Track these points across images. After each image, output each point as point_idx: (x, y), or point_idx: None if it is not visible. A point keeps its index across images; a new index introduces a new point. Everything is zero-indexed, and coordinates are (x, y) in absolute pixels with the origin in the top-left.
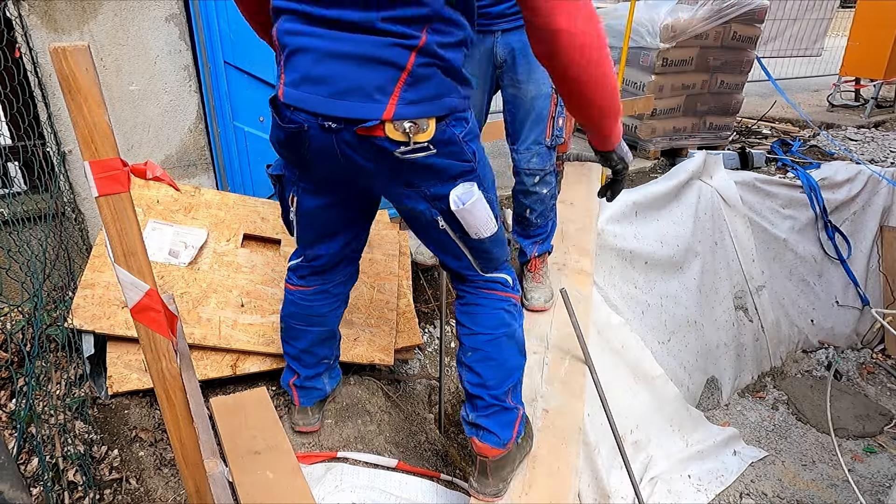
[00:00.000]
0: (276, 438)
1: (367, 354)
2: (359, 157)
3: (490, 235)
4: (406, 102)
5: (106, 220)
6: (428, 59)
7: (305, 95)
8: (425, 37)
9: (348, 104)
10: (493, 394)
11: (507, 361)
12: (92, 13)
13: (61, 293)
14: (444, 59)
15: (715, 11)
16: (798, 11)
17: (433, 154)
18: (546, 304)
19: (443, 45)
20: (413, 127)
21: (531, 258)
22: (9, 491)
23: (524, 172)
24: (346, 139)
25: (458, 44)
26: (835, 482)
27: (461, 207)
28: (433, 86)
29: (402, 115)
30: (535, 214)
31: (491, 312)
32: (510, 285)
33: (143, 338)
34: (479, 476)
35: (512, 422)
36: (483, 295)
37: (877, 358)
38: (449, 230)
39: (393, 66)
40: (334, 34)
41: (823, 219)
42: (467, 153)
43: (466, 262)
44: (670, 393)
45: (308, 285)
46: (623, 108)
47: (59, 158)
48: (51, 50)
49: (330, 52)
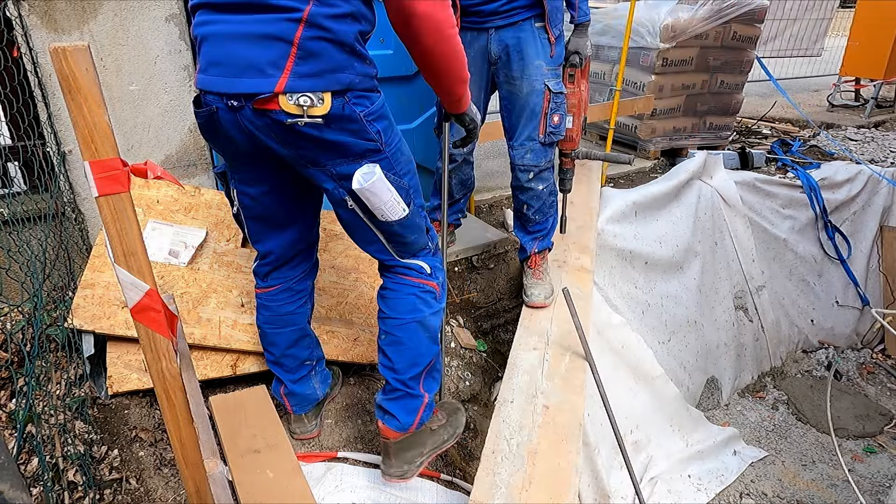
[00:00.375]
0: (276, 437)
1: (367, 354)
2: (263, 136)
3: (399, 219)
4: (298, 76)
5: (106, 220)
6: (315, 31)
7: (212, 78)
8: (310, 8)
9: (246, 81)
10: (400, 378)
11: (415, 347)
12: (92, 13)
13: (61, 293)
14: (333, 31)
15: (715, 11)
16: (798, 11)
17: (331, 130)
18: (546, 301)
19: (329, 17)
20: (307, 100)
21: (531, 254)
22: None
23: (519, 168)
24: (248, 116)
25: (347, 16)
26: (835, 482)
27: (362, 187)
28: (326, 60)
29: (293, 88)
30: (532, 210)
31: (402, 298)
32: (426, 272)
33: (143, 338)
34: (384, 457)
35: (416, 408)
36: (397, 280)
37: (877, 358)
38: (357, 210)
39: (282, 41)
40: (234, 17)
41: (823, 219)
42: (370, 132)
43: (381, 247)
44: (670, 393)
45: (271, 285)
46: (623, 108)
47: (59, 158)
48: (51, 50)
49: (230, 34)
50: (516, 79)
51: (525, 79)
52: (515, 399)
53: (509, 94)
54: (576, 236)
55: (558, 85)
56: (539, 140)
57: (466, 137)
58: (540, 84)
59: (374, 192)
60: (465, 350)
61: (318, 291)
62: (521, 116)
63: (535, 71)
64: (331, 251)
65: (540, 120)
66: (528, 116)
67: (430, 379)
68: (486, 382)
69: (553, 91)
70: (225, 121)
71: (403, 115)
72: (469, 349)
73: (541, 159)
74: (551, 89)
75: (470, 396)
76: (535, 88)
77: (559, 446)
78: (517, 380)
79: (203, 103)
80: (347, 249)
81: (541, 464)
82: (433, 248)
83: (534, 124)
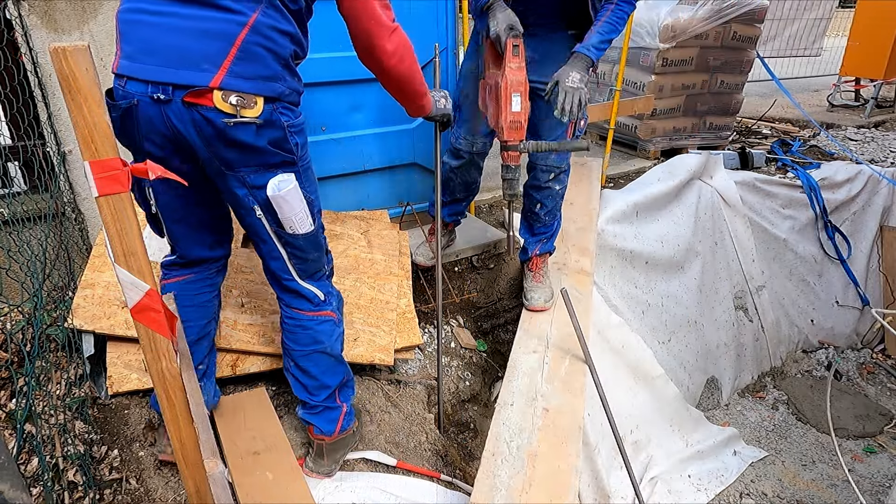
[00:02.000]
0: (276, 439)
1: (367, 354)
2: (186, 133)
3: (305, 233)
4: (234, 75)
5: (106, 220)
6: (259, 38)
7: (139, 66)
8: (256, 16)
9: (180, 72)
10: (315, 400)
11: (322, 374)
12: (92, 13)
13: (61, 293)
14: (275, 42)
15: (715, 11)
16: (797, 11)
17: (256, 134)
18: (546, 305)
19: (273, 28)
20: (241, 101)
21: (532, 256)
22: (9, 491)
23: (541, 168)
24: (175, 110)
25: (287, 34)
26: (835, 482)
27: (276, 194)
28: (263, 67)
29: (228, 86)
30: (544, 210)
31: (303, 331)
32: (319, 300)
33: (143, 338)
34: (316, 457)
35: (335, 419)
36: (293, 315)
37: (877, 358)
38: (265, 220)
39: (224, 40)
40: (172, 8)
41: (823, 219)
42: (290, 144)
43: (282, 264)
44: (670, 393)
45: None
46: (623, 107)
47: (59, 158)
48: (51, 50)
49: (169, 26)
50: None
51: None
52: (515, 402)
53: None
54: (576, 238)
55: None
56: None
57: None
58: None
59: (288, 200)
60: (465, 350)
61: None
62: (549, 119)
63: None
64: (331, 251)
65: (569, 124)
66: (558, 120)
67: (346, 389)
68: (486, 382)
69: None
70: (145, 115)
71: (403, 116)
72: (469, 349)
73: (563, 161)
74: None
75: (470, 396)
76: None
77: (559, 449)
78: (517, 382)
79: (121, 94)
80: (347, 249)
81: (541, 466)
82: (328, 271)
83: (563, 128)
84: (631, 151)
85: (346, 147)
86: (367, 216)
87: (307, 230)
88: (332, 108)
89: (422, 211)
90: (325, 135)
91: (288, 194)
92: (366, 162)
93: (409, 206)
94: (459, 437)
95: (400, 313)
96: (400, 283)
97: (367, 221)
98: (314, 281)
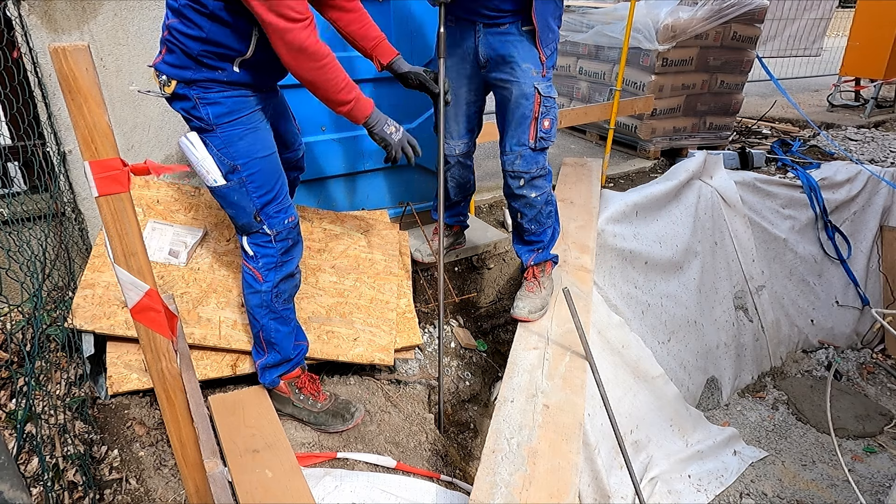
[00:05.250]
0: (276, 436)
1: (367, 354)
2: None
3: (211, 187)
4: (163, 62)
5: (106, 220)
6: (171, 38)
7: None
8: (170, 22)
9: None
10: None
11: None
12: (92, 13)
13: (61, 293)
14: (182, 44)
15: (715, 11)
16: (796, 11)
17: (171, 103)
18: (530, 316)
19: (181, 33)
20: (164, 80)
21: (527, 266)
22: (9, 491)
23: (509, 175)
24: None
25: (196, 38)
26: (835, 482)
27: (181, 145)
28: (177, 58)
29: (158, 69)
30: (525, 219)
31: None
32: (248, 255)
33: (143, 338)
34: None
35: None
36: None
37: (877, 358)
38: None
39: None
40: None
41: (823, 219)
42: (200, 112)
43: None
44: (670, 393)
45: None
46: (623, 108)
47: (59, 158)
48: (51, 50)
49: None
50: (506, 82)
51: (514, 82)
52: (516, 398)
53: (501, 99)
54: (575, 236)
55: (549, 88)
56: (529, 146)
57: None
58: (530, 88)
59: (183, 149)
60: (465, 350)
61: (318, 291)
62: (511, 121)
63: (523, 75)
64: (331, 251)
65: (530, 124)
66: (517, 121)
67: (267, 349)
68: (486, 382)
69: (543, 95)
70: None
71: (403, 116)
72: (469, 349)
73: (531, 165)
74: (541, 93)
75: (470, 396)
76: (525, 92)
77: (559, 446)
78: (517, 379)
79: None
80: (347, 249)
81: (541, 463)
82: (272, 236)
83: (523, 128)
84: (631, 151)
85: (345, 147)
86: (367, 216)
87: (211, 184)
88: None
89: (422, 211)
90: (325, 135)
91: (187, 149)
92: (366, 162)
93: (409, 206)
94: (459, 437)
95: (400, 313)
96: (400, 283)
97: (367, 221)
98: (249, 238)
